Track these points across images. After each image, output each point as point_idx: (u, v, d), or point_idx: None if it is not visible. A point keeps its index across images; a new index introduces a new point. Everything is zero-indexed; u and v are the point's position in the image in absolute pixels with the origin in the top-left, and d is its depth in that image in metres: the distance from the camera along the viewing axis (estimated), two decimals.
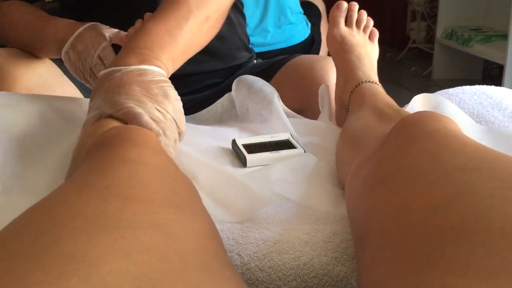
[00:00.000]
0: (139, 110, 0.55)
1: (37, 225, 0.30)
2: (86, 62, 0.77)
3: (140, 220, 0.31)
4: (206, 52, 0.83)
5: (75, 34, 0.79)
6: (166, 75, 0.64)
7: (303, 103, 0.92)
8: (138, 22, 0.77)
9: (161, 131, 0.56)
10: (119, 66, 0.61)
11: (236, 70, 1.11)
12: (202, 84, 1.05)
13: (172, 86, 0.62)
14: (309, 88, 0.90)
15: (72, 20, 0.84)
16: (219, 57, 1.06)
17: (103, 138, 0.47)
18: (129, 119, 0.55)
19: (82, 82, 0.82)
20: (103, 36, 0.78)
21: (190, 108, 0.98)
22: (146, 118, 0.55)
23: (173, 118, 0.59)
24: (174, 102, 0.60)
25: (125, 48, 0.66)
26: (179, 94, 0.63)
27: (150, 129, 0.54)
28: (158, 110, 0.57)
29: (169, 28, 0.68)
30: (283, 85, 0.96)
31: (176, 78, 0.69)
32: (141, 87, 0.58)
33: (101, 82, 0.61)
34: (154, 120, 0.56)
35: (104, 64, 0.77)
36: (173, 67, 0.68)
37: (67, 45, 0.79)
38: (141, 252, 0.28)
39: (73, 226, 0.29)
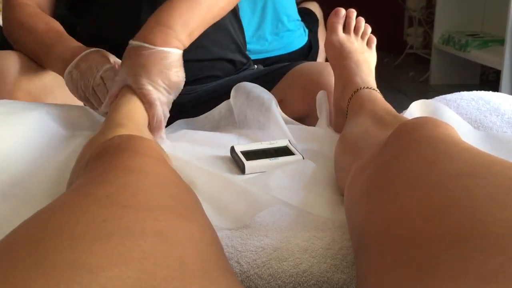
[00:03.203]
0: (155, 95, 0.71)
1: (38, 233, 0.30)
2: (88, 81, 0.78)
3: (140, 228, 0.31)
4: (201, 44, 0.87)
5: (80, 55, 0.80)
6: (181, 55, 0.75)
7: (310, 108, 0.92)
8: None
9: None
10: (146, 42, 0.72)
11: (234, 69, 1.11)
12: (201, 74, 1.05)
13: (183, 71, 0.75)
14: (316, 93, 0.90)
15: (81, 44, 0.85)
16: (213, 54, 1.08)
17: (105, 147, 0.47)
18: (146, 100, 0.70)
19: (82, 101, 0.82)
20: (107, 59, 0.79)
21: (191, 109, 0.99)
22: (158, 107, 0.71)
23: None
24: (180, 86, 0.75)
25: (151, 21, 0.75)
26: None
27: (155, 108, 0.70)
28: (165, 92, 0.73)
29: (190, 5, 0.77)
30: (290, 89, 0.97)
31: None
32: (160, 73, 0.71)
33: (130, 54, 0.73)
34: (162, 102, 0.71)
35: (105, 85, 0.77)
36: (190, 41, 0.78)
37: (71, 65, 0.80)
38: (142, 259, 0.28)
39: (74, 234, 0.29)
